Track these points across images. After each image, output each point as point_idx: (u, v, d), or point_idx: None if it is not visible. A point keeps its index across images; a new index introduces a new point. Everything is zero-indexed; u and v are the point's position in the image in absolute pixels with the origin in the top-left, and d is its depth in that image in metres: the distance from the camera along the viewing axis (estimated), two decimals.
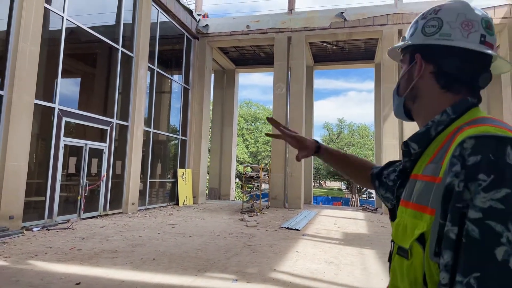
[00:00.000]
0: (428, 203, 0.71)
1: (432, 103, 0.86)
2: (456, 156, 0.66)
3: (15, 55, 7.28)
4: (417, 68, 0.87)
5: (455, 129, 0.76)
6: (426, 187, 0.74)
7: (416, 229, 0.72)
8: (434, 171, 0.73)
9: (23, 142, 7.45)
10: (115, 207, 10.77)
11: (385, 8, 14.01)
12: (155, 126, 13.16)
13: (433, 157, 0.77)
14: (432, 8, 0.89)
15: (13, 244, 6.17)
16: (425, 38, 0.86)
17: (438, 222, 0.68)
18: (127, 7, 11.49)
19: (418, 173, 0.80)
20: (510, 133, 0.67)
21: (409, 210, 0.77)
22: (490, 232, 0.60)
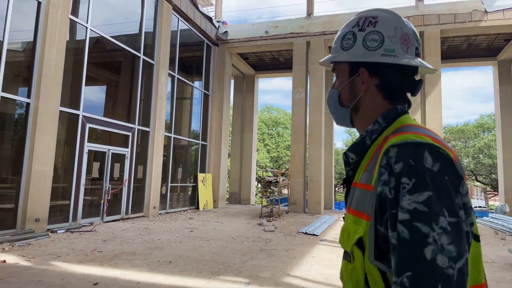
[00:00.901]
0: (364, 210, 0.77)
1: (372, 113, 0.90)
2: (383, 166, 0.72)
3: (41, 65, 7.63)
4: (364, 83, 0.89)
5: (384, 138, 0.81)
6: (362, 195, 0.79)
7: (356, 234, 0.78)
8: (367, 179, 0.78)
9: (49, 147, 7.77)
10: (137, 210, 11.03)
11: (405, 10, 13.79)
12: (176, 132, 13.42)
13: (366, 166, 0.82)
14: (364, 18, 0.91)
15: (38, 245, 6.44)
16: (368, 53, 0.87)
17: (373, 227, 0.73)
18: (149, 16, 11.83)
19: (356, 181, 0.85)
20: (427, 138, 0.72)
21: (351, 216, 0.83)
22: (417, 233, 0.64)
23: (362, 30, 0.89)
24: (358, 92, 0.90)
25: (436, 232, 0.63)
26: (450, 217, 0.65)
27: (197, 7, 14.30)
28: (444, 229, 0.64)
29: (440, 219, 0.64)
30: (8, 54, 7.20)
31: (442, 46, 14.13)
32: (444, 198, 0.66)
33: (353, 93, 0.91)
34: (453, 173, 0.70)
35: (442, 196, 0.66)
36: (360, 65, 0.89)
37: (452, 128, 33.73)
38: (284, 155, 35.07)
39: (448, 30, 13.42)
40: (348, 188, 0.92)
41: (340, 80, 0.95)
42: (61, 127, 8.37)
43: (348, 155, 0.88)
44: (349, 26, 0.93)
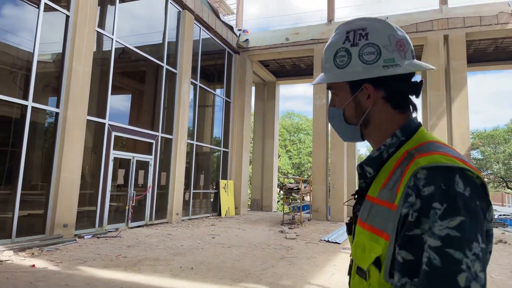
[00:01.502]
0: (384, 228, 0.74)
1: (386, 126, 0.87)
2: (411, 187, 0.70)
3: (69, 76, 7.94)
4: (369, 97, 0.87)
5: (405, 153, 0.80)
6: (382, 212, 0.77)
7: (373, 252, 0.76)
8: (389, 197, 0.76)
9: (76, 155, 8.05)
10: (161, 217, 11.22)
11: (429, 14, 13.54)
12: (198, 139, 13.61)
13: (386, 181, 0.80)
14: (353, 31, 0.88)
15: (65, 250, 6.65)
16: (368, 67, 0.85)
17: (392, 247, 0.72)
18: (171, 26, 12.11)
19: (373, 195, 0.82)
20: (456, 161, 0.71)
21: (366, 232, 0.80)
22: (450, 259, 0.62)
23: (355, 44, 0.86)
24: (365, 107, 0.88)
25: (469, 258, 0.62)
26: (482, 243, 0.64)
27: (218, 16, 14.54)
28: (477, 255, 0.62)
29: (474, 245, 0.63)
30: (38, 65, 7.53)
31: (468, 50, 13.76)
32: (476, 223, 0.65)
33: (359, 109, 0.89)
34: (483, 198, 0.69)
35: (474, 221, 0.65)
36: (362, 81, 0.86)
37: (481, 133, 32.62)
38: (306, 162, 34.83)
39: (473, 33, 13.07)
40: (359, 199, 0.91)
41: (341, 98, 0.92)
42: (88, 135, 8.66)
43: (365, 169, 0.86)
44: (339, 42, 0.89)
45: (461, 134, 12.65)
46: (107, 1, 9.85)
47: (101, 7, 9.52)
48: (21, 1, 7.83)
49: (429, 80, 13.34)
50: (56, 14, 8.09)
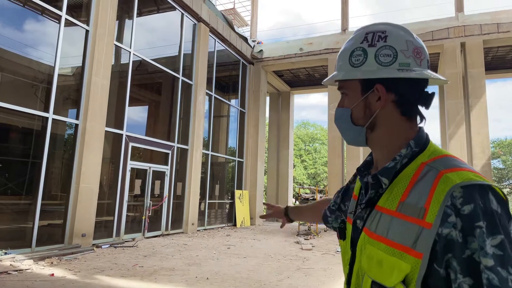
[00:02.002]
0: (412, 245, 0.72)
1: (393, 131, 0.87)
2: (449, 206, 0.70)
3: (89, 88, 8.15)
4: (380, 99, 0.86)
5: (422, 166, 0.80)
6: (407, 228, 0.74)
7: (398, 269, 0.74)
8: (415, 213, 0.74)
9: (95, 166, 8.21)
10: (176, 227, 11.28)
11: (445, 22, 13.41)
12: (213, 149, 13.70)
13: (406, 194, 0.78)
14: (372, 33, 0.88)
15: (83, 259, 6.75)
16: (383, 68, 0.84)
17: (425, 266, 0.70)
18: (187, 39, 12.34)
19: (390, 208, 0.80)
20: (484, 178, 0.72)
21: (381, 245, 0.78)
22: (500, 278, 0.64)
23: (372, 45, 0.86)
24: (374, 109, 0.87)
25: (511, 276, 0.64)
26: None
27: (233, 28, 14.74)
28: None
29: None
30: (58, 78, 7.76)
31: (486, 57, 13.53)
32: (511, 239, 0.67)
33: (368, 111, 0.88)
34: (509, 214, 0.70)
35: (510, 237, 0.67)
36: (374, 81, 0.86)
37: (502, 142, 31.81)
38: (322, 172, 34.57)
39: (491, 40, 12.87)
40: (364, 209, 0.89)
41: (351, 98, 0.91)
42: (106, 146, 8.83)
43: (381, 180, 0.84)
44: (356, 42, 0.89)
45: (481, 142, 12.37)
46: (125, 16, 10.12)
47: (119, 21, 9.79)
48: (42, 16, 8.13)
49: (446, 88, 13.15)
50: (76, 28, 8.36)
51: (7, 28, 7.90)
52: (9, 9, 7.78)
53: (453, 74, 12.91)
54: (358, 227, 0.89)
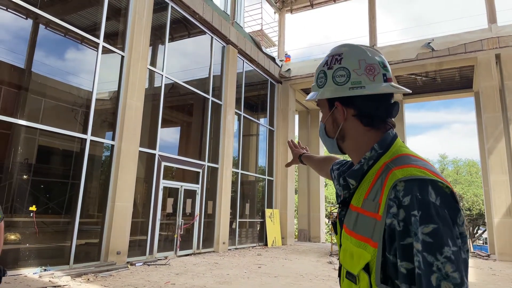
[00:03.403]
0: (371, 236, 0.83)
1: (359, 140, 0.98)
2: (392, 199, 0.79)
3: (124, 110, 8.53)
4: (340, 114, 0.98)
5: (383, 165, 0.89)
6: (367, 222, 0.85)
7: (362, 258, 0.84)
8: (372, 208, 0.85)
9: (129, 185, 8.49)
10: (207, 245, 11.34)
11: (477, 34, 13.05)
12: (243, 167, 13.80)
13: (368, 192, 0.89)
14: (331, 56, 1.00)
15: (118, 277, 6.91)
16: (338, 88, 0.96)
17: (380, 254, 0.80)
18: (216, 61, 12.71)
19: (357, 205, 0.92)
20: (428, 173, 0.80)
21: (353, 239, 0.89)
22: (425, 262, 0.71)
23: (330, 68, 0.99)
24: (339, 123, 0.99)
25: (440, 261, 0.70)
26: (454, 247, 0.72)
27: (260, 49, 15.04)
28: (449, 258, 0.71)
29: (445, 249, 0.71)
30: (96, 103, 8.19)
31: None
32: (446, 229, 0.73)
33: (335, 124, 1.00)
34: (452, 206, 0.77)
35: (445, 227, 0.73)
36: (335, 100, 0.98)
37: None
38: None
39: None
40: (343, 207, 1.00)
41: (324, 114, 1.04)
42: (140, 166, 9.13)
43: (349, 181, 0.95)
44: (320, 66, 1.03)
45: None
46: (158, 41, 10.61)
47: (152, 46, 10.28)
48: (82, 45, 8.69)
49: (483, 102, 12.67)
50: (113, 55, 8.85)
51: (50, 57, 8.50)
52: (52, 40, 8.39)
53: (489, 87, 12.46)
54: (341, 224, 1.00)
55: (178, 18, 11.12)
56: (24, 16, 7.55)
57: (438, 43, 13.58)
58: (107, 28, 8.63)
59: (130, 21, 9.02)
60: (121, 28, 9.25)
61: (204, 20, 11.56)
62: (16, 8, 7.05)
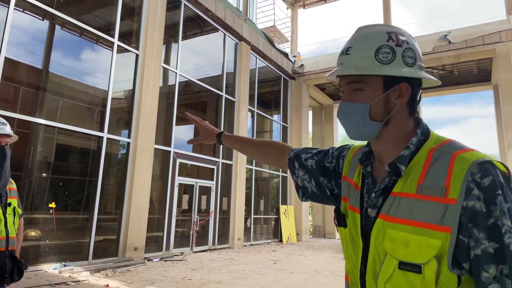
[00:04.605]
0: (439, 221, 0.79)
1: (404, 127, 0.93)
2: (470, 181, 0.78)
3: (139, 108, 8.63)
4: (402, 97, 0.91)
5: (431, 151, 0.87)
6: (430, 207, 0.81)
7: (429, 246, 0.79)
8: (437, 192, 0.81)
9: (145, 182, 8.59)
10: (223, 242, 11.41)
11: (496, 25, 12.71)
12: (257, 164, 13.81)
13: (422, 178, 0.85)
14: (395, 33, 0.92)
15: (135, 272, 7.02)
16: (410, 69, 0.90)
17: (455, 238, 0.77)
18: (229, 58, 12.73)
19: (407, 191, 0.86)
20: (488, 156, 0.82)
21: (407, 227, 0.83)
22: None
23: (399, 45, 0.90)
24: (393, 106, 0.91)
25: None
26: None
27: (273, 45, 14.99)
28: None
29: None
30: (112, 101, 8.31)
31: None
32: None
33: (387, 107, 0.92)
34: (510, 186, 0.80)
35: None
36: (399, 80, 0.90)
37: None
38: None
39: None
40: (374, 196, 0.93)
41: (370, 94, 0.92)
42: (155, 163, 9.23)
43: (400, 168, 0.88)
44: (381, 39, 0.91)
45: None
46: (171, 39, 10.69)
47: (166, 44, 10.35)
48: (97, 45, 8.82)
49: (502, 94, 12.36)
50: (127, 54, 8.95)
51: (66, 58, 8.66)
52: (68, 40, 8.55)
53: (508, 79, 12.13)
54: (370, 215, 0.93)
55: (191, 15, 11.17)
56: (41, 18, 7.70)
57: (455, 35, 13.28)
58: (121, 28, 8.74)
59: (144, 20, 9.11)
60: (135, 27, 9.35)
61: (216, 17, 11.57)
62: (33, 9, 7.19)
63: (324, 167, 1.16)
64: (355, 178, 1.04)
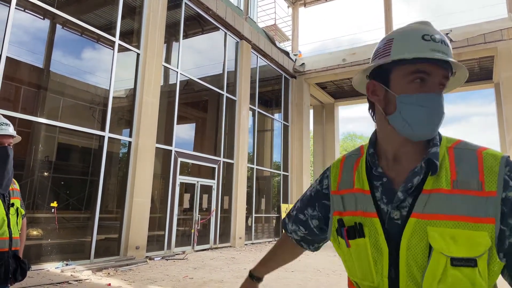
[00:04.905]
0: (484, 214, 0.81)
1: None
2: (507, 174, 0.83)
3: (140, 108, 8.63)
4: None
5: (451, 149, 0.90)
6: (471, 201, 0.82)
7: (480, 238, 0.80)
8: (473, 186, 0.83)
9: (147, 181, 8.60)
10: (224, 240, 11.42)
11: (497, 23, 12.67)
12: (258, 163, 13.82)
13: (454, 174, 0.86)
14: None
15: (137, 271, 7.03)
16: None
17: (498, 228, 0.81)
18: (230, 56, 12.72)
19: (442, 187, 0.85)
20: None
21: (449, 222, 0.82)
22: None
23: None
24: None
25: None
26: None
27: (274, 43, 14.97)
28: None
29: None
30: (113, 100, 8.31)
31: None
32: None
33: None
34: None
35: None
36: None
37: None
38: None
39: None
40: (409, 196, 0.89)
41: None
42: (157, 162, 9.24)
43: (437, 164, 0.87)
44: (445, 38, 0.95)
45: None
46: (172, 38, 10.68)
47: (167, 44, 10.35)
48: (98, 44, 8.82)
49: (503, 93, 12.33)
50: (128, 53, 8.95)
51: (67, 57, 8.66)
52: (69, 39, 8.54)
53: (509, 77, 12.10)
54: (394, 216, 0.89)
55: (191, 14, 11.16)
56: (42, 17, 7.70)
57: (457, 33, 13.25)
58: (122, 27, 8.73)
59: (145, 19, 9.10)
60: (136, 26, 9.34)
61: (217, 16, 11.56)
62: (33, 8, 7.19)
63: (309, 198, 1.17)
64: (357, 184, 0.98)
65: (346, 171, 1.04)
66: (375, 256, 0.91)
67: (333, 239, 1.04)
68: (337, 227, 1.00)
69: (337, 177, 1.06)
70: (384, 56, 0.93)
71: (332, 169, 1.10)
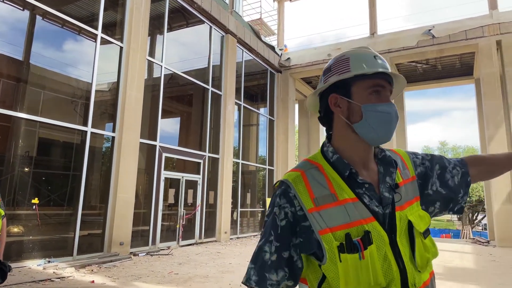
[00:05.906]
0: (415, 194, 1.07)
1: None
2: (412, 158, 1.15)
3: (124, 102, 8.50)
4: None
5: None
6: (411, 185, 1.07)
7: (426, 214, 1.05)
8: (407, 175, 1.09)
9: (131, 176, 8.51)
10: (209, 235, 11.42)
11: (478, 20, 12.93)
12: (244, 158, 13.82)
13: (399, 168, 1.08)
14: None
15: (122, 267, 6.98)
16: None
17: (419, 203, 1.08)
18: (215, 50, 12.62)
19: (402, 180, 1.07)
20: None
21: (413, 206, 1.04)
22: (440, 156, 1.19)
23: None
24: None
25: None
26: None
27: (260, 38, 14.92)
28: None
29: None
30: (96, 94, 8.15)
31: None
32: None
33: None
34: None
35: None
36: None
37: None
38: None
39: None
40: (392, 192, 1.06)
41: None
42: (141, 157, 9.14)
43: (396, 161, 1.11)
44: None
45: None
46: (156, 31, 10.52)
47: (151, 37, 10.19)
48: (80, 36, 8.61)
49: (484, 88, 12.62)
50: (111, 46, 8.78)
51: (48, 49, 8.42)
52: (50, 31, 8.31)
53: (490, 74, 12.39)
54: (386, 213, 0.98)
55: (176, 7, 11.00)
56: (21, 8, 7.47)
57: (439, 30, 13.46)
58: (105, 19, 8.54)
59: (128, 11, 8.93)
60: (119, 19, 9.16)
61: (202, 9, 11.44)
62: None
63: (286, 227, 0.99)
64: (341, 195, 0.95)
65: (314, 185, 0.97)
66: (383, 257, 0.91)
67: (330, 261, 0.90)
68: (338, 244, 0.90)
69: (307, 194, 0.96)
70: (344, 72, 1.02)
71: (296, 187, 0.98)
